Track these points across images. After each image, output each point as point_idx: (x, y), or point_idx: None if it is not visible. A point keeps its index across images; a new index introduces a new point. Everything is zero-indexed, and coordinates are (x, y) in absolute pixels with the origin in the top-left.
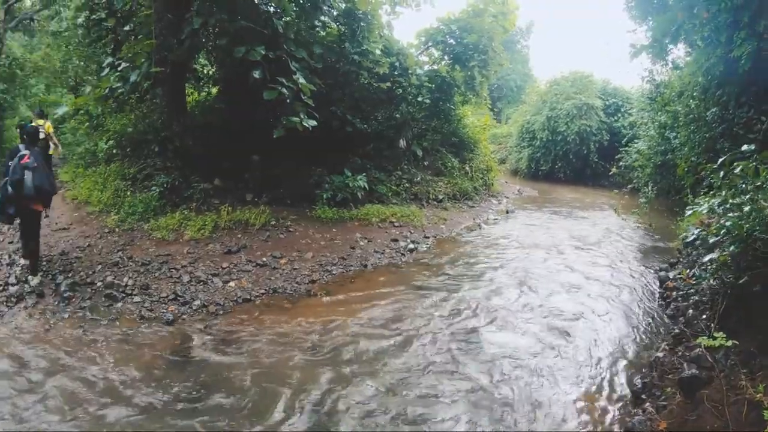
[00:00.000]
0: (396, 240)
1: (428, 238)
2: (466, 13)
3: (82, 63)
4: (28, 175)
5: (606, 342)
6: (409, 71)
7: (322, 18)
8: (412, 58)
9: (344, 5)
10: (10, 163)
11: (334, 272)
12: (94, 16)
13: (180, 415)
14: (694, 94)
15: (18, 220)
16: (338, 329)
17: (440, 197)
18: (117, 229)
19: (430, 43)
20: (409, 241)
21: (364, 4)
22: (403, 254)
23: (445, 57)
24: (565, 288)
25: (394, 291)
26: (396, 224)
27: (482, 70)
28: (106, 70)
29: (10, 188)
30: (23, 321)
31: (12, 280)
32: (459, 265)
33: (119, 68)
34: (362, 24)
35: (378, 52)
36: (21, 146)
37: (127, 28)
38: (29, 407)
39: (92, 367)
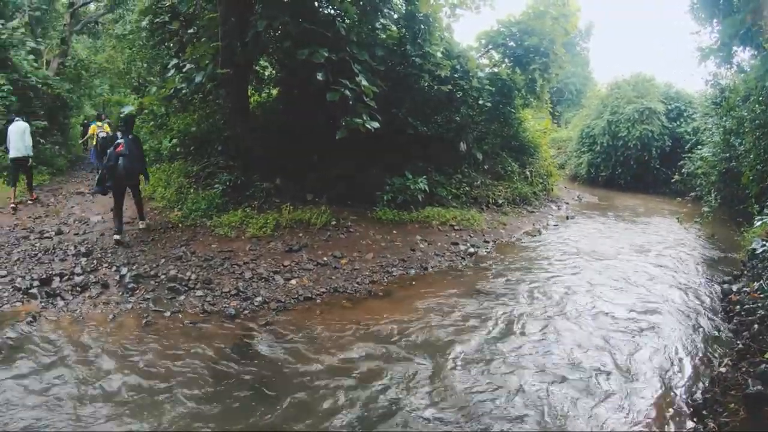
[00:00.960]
0: (456, 243)
1: (488, 242)
2: (527, 15)
3: (145, 64)
4: (121, 161)
5: (665, 354)
6: (470, 74)
7: (382, 20)
8: (474, 60)
9: (405, 8)
10: (108, 150)
11: (394, 274)
12: (157, 20)
13: (240, 409)
14: (761, 98)
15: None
16: (399, 330)
17: (500, 201)
18: (180, 225)
19: (490, 46)
20: (469, 244)
21: (426, 6)
22: (463, 258)
23: (506, 60)
24: (624, 297)
25: (455, 294)
26: (456, 227)
27: (543, 73)
28: (171, 71)
29: (109, 170)
30: (88, 309)
31: (78, 270)
32: (519, 270)
33: (184, 69)
34: (423, 26)
35: (439, 54)
36: (118, 134)
37: (190, 30)
38: (92, 394)
39: (154, 358)
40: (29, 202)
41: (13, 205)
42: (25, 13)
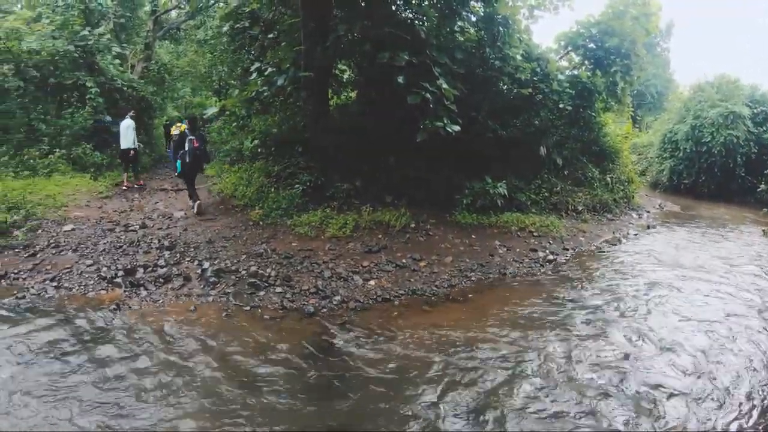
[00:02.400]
0: (535, 250)
1: (567, 249)
2: (606, 15)
3: (226, 68)
4: (195, 153)
5: (751, 380)
6: (551, 77)
7: (459, 23)
8: (554, 63)
9: (483, 10)
10: (185, 145)
11: (473, 278)
12: (238, 25)
13: (315, 406)
14: None
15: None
16: (477, 336)
17: (579, 208)
18: (261, 223)
19: (569, 47)
20: (548, 251)
21: (504, 8)
22: (541, 265)
23: (586, 62)
24: (707, 314)
25: (533, 302)
26: (535, 234)
27: (625, 75)
28: (254, 75)
29: (181, 160)
30: (170, 300)
31: (161, 262)
32: (598, 279)
33: (265, 72)
34: (501, 29)
35: (519, 57)
36: (187, 131)
37: (270, 35)
38: (173, 382)
39: (234, 350)
40: (136, 186)
41: (124, 187)
42: (110, 20)
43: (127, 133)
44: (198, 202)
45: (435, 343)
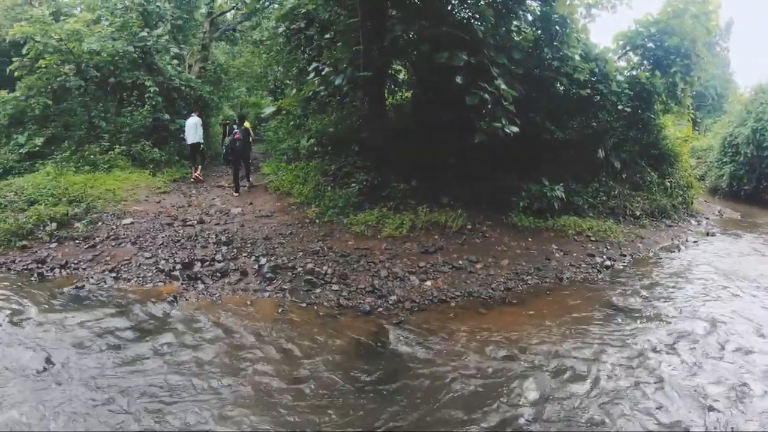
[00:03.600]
0: (592, 255)
1: (625, 255)
2: (665, 14)
3: (281, 68)
4: (237, 144)
5: None
6: (609, 77)
7: (515, 23)
8: (612, 63)
9: (540, 9)
10: (228, 138)
11: (529, 282)
12: (293, 26)
13: (368, 404)
14: None
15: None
16: (533, 341)
17: (637, 213)
18: (317, 221)
19: (628, 47)
20: (605, 257)
21: (562, 7)
22: (599, 271)
23: (645, 62)
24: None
25: (590, 309)
26: (592, 238)
27: (684, 76)
28: (311, 75)
29: (229, 150)
30: (227, 294)
31: (218, 257)
32: (656, 287)
33: (322, 72)
34: (559, 28)
35: (577, 57)
36: (234, 126)
37: (327, 36)
38: (229, 374)
39: (289, 346)
40: (197, 177)
41: (193, 179)
42: (167, 22)
43: (196, 129)
44: (236, 193)
45: (491, 347)
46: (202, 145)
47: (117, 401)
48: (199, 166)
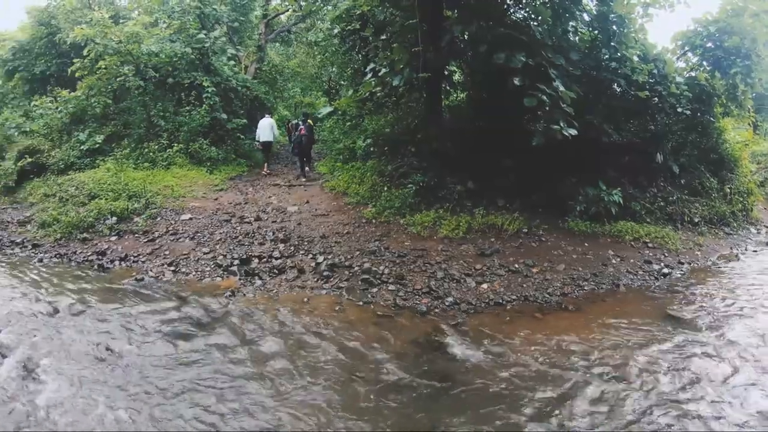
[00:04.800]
0: (649, 262)
1: (682, 264)
2: (725, 12)
3: (335, 69)
4: (303, 139)
5: None
6: (668, 79)
7: (572, 22)
8: (671, 64)
9: (596, 9)
10: (294, 132)
11: (585, 288)
12: (349, 27)
13: (423, 405)
14: None
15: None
16: (590, 349)
17: (696, 220)
18: (374, 221)
19: (686, 48)
20: (662, 264)
21: (621, 6)
22: (656, 278)
23: (704, 63)
24: None
25: (648, 318)
26: (649, 245)
27: (745, 77)
28: (368, 75)
29: (296, 144)
30: (284, 291)
31: (276, 254)
32: (714, 297)
33: (379, 73)
34: (616, 28)
35: (635, 58)
36: (299, 122)
37: (383, 37)
38: (286, 371)
39: (345, 344)
40: (268, 172)
41: (265, 173)
42: (223, 24)
43: (271, 129)
44: (302, 178)
45: (548, 353)
46: (273, 144)
47: (174, 392)
48: (265, 161)
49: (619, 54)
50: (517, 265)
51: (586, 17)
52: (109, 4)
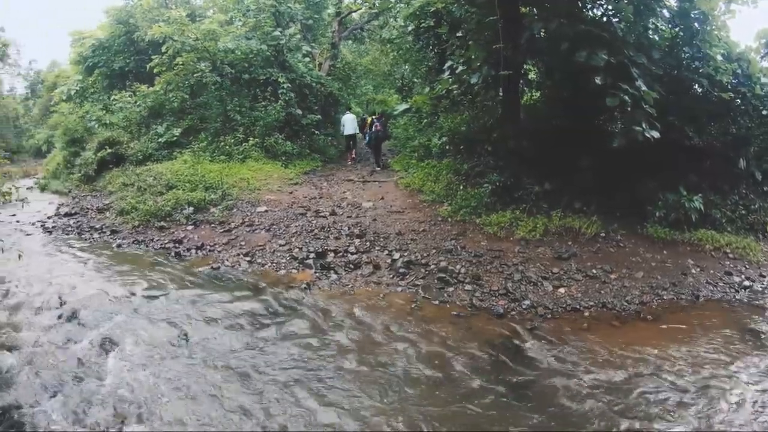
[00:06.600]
0: (729, 273)
1: (764, 276)
2: None
3: (408, 66)
4: (379, 134)
5: None
6: (752, 79)
7: (652, 20)
8: (756, 64)
9: (678, 5)
10: (370, 128)
11: (664, 297)
12: (423, 24)
13: (497, 409)
14: None
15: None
16: (668, 362)
17: None
18: (449, 219)
19: None
20: (743, 276)
21: (704, 2)
22: (736, 291)
23: None
24: None
25: (728, 333)
26: (730, 255)
27: None
28: (446, 73)
29: (371, 137)
30: (359, 286)
31: (351, 249)
32: None
33: (456, 71)
34: (698, 25)
35: (719, 57)
36: (374, 118)
37: (458, 34)
38: (360, 367)
39: (421, 343)
40: (353, 157)
41: (350, 160)
42: (298, 22)
43: (354, 123)
44: (377, 168)
45: (625, 364)
46: (357, 135)
47: (249, 380)
48: (354, 150)
49: (701, 53)
50: (594, 271)
51: (666, 14)
52: (185, 3)
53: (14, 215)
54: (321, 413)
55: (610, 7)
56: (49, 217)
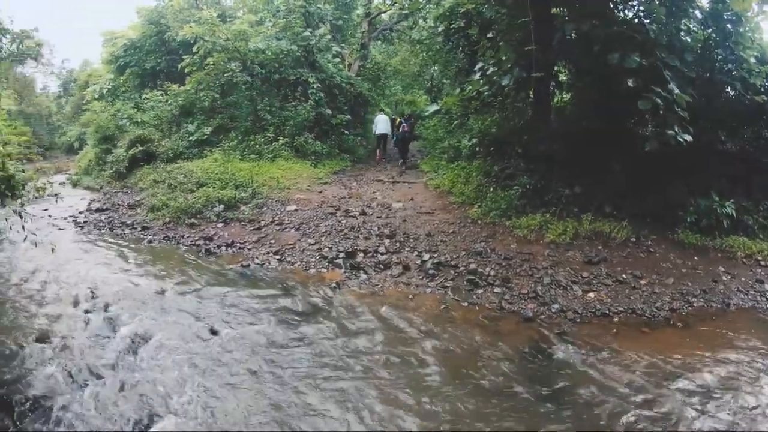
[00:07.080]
0: (761, 282)
1: None
2: None
3: (438, 67)
4: (406, 135)
5: None
6: None
7: (684, 21)
8: None
9: (710, 6)
10: (399, 129)
11: (694, 305)
12: (453, 25)
13: (526, 408)
14: None
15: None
16: (700, 372)
17: None
18: (479, 221)
19: None
20: None
21: (738, 3)
22: (767, 300)
23: None
24: None
25: (757, 341)
26: (762, 263)
27: None
28: (477, 74)
29: (398, 137)
30: (389, 287)
31: (381, 249)
32: None
33: (487, 72)
34: (731, 27)
35: (753, 60)
36: (402, 119)
37: (489, 35)
38: (388, 368)
39: (450, 345)
40: (380, 157)
41: (377, 159)
42: (327, 23)
43: (386, 123)
44: (404, 167)
45: (654, 371)
46: (387, 135)
47: (278, 377)
48: (383, 150)
49: (734, 55)
50: (624, 276)
51: (698, 15)
52: (216, 4)
53: (47, 210)
54: (349, 413)
55: (642, 9)
56: (80, 213)
